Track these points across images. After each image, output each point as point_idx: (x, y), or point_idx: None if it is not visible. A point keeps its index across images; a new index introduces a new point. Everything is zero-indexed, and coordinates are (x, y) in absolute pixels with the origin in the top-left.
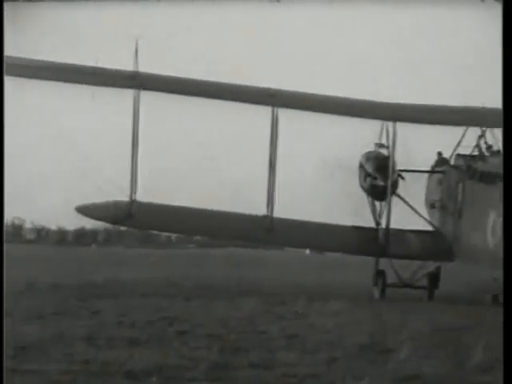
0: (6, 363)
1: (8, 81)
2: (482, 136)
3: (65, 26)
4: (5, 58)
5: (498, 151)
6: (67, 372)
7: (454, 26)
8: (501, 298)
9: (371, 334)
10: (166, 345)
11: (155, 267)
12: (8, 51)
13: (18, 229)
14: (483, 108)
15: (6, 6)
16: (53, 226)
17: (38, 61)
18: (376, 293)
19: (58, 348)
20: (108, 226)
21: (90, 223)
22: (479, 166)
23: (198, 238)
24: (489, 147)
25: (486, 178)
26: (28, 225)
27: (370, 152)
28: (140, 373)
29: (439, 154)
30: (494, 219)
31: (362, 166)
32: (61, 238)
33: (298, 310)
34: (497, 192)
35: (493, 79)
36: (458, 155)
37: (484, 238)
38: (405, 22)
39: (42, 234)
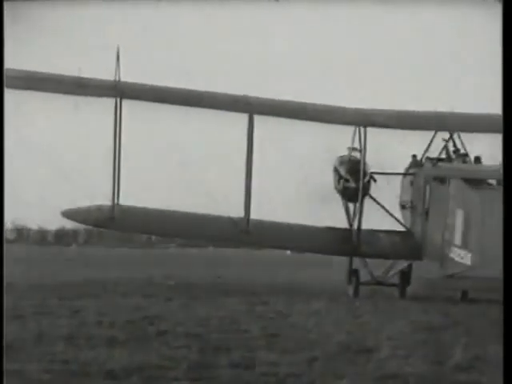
0: None
1: None
2: (449, 139)
3: (66, 26)
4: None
5: (465, 154)
6: (47, 371)
7: (455, 25)
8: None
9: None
10: (146, 344)
11: (135, 267)
12: (8, 52)
13: None
14: (451, 113)
15: (6, 6)
16: (33, 226)
17: (19, 71)
18: (350, 290)
19: (37, 348)
20: (89, 226)
21: (70, 223)
22: None
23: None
24: (456, 150)
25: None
26: (9, 225)
27: (343, 156)
28: (120, 372)
29: (414, 156)
30: (463, 220)
31: (336, 170)
32: (41, 237)
33: (282, 310)
34: (473, 193)
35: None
36: (427, 158)
37: (450, 238)
38: (405, 23)
39: (22, 234)
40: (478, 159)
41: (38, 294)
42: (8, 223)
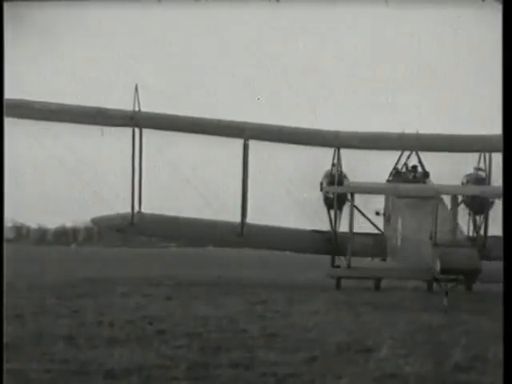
0: None
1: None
2: (409, 157)
3: (66, 26)
4: (20, 102)
5: (415, 170)
6: (47, 371)
7: (455, 25)
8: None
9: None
10: (146, 344)
11: (135, 266)
12: (8, 52)
13: None
14: (416, 134)
15: (6, 6)
16: (33, 225)
17: (50, 104)
18: (333, 283)
19: (37, 347)
20: (89, 225)
21: (70, 222)
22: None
23: None
24: (414, 166)
25: None
26: (8, 224)
27: (327, 171)
28: (120, 372)
29: (394, 168)
30: (400, 224)
31: (321, 183)
32: (41, 236)
33: (280, 309)
34: (403, 202)
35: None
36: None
37: (396, 238)
38: (405, 23)
39: (21, 233)
40: (426, 173)
41: (37, 294)
42: (8, 222)
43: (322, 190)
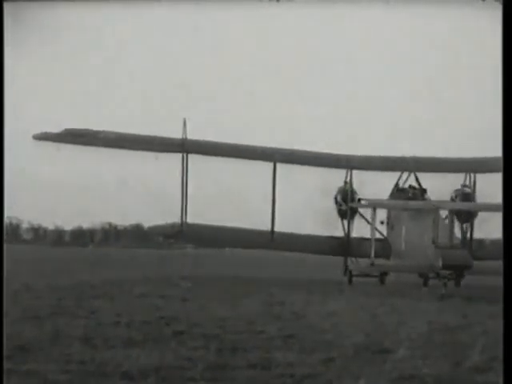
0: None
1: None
2: (408, 177)
3: (66, 26)
4: (86, 132)
5: (414, 187)
6: (64, 372)
7: (454, 25)
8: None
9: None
10: (163, 345)
11: (152, 267)
12: (8, 52)
13: (15, 228)
14: (414, 157)
15: (6, 6)
16: (50, 226)
17: (112, 133)
18: (345, 280)
19: (54, 348)
20: (105, 226)
21: (87, 223)
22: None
23: None
24: (409, 185)
25: None
26: (25, 225)
27: (340, 187)
28: (137, 373)
29: (395, 185)
30: (404, 231)
31: (335, 197)
32: (58, 237)
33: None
34: (406, 214)
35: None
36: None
37: (400, 242)
38: (405, 22)
39: (39, 234)
40: (424, 190)
41: (54, 295)
42: (25, 223)
43: (336, 204)
